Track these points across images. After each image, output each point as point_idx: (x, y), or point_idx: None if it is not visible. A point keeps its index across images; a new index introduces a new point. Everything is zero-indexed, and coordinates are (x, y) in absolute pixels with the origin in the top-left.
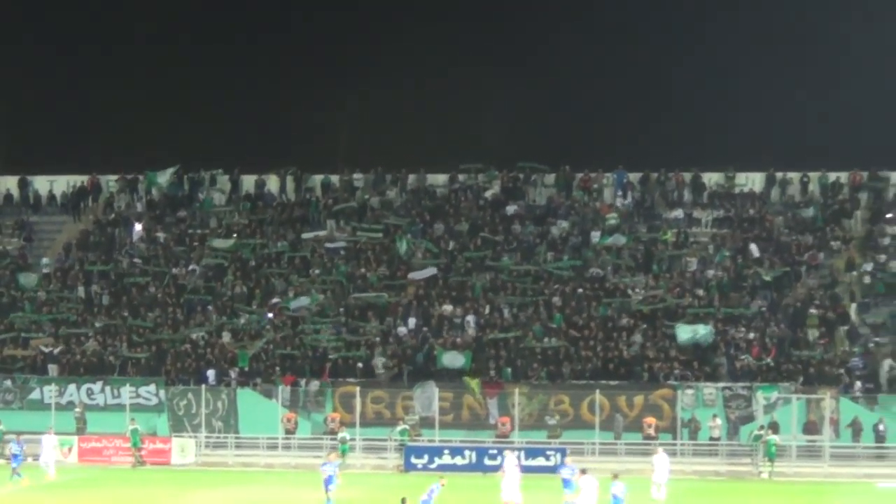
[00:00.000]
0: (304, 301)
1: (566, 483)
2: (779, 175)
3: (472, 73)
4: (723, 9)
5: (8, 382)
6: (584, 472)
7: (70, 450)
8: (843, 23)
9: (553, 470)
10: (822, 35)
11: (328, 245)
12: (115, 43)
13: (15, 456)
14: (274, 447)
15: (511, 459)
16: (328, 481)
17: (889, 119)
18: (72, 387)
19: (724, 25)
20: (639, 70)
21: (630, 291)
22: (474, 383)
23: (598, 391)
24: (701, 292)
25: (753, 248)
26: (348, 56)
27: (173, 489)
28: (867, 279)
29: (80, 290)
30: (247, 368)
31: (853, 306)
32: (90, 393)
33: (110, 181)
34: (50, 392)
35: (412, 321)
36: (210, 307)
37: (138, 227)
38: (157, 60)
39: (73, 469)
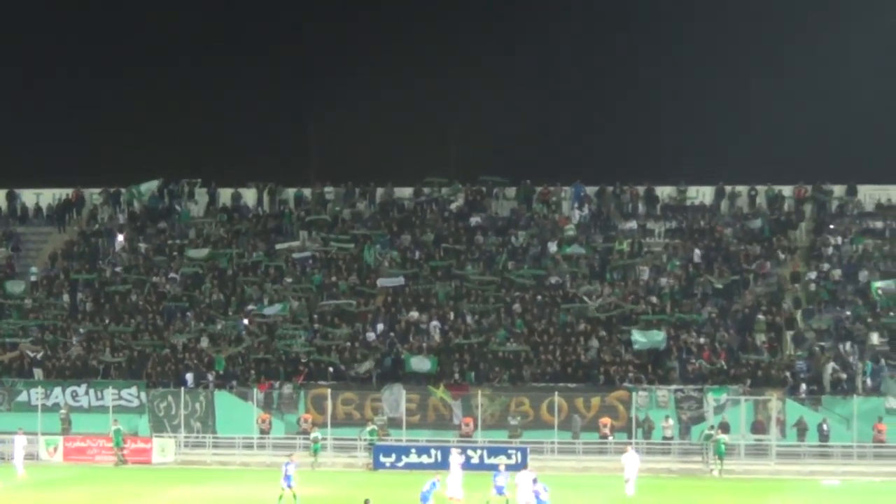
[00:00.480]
0: (277, 308)
1: (499, 490)
2: (728, 188)
3: (438, 91)
4: (674, 33)
5: None
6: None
7: (56, 449)
8: (786, 45)
9: (515, 468)
10: (766, 57)
11: (301, 255)
12: (98, 62)
13: None
14: (250, 446)
15: (455, 457)
16: (287, 478)
17: (832, 135)
18: (57, 389)
19: (676, 48)
20: (596, 89)
21: (587, 299)
22: (440, 391)
23: (556, 393)
24: (654, 299)
25: (696, 253)
26: (320, 75)
27: (154, 486)
28: (811, 287)
29: (66, 298)
30: (223, 372)
31: (798, 313)
32: (75, 395)
33: (94, 194)
34: (36, 394)
35: (380, 327)
36: (189, 314)
37: (120, 237)
38: (138, 78)
39: (59, 468)
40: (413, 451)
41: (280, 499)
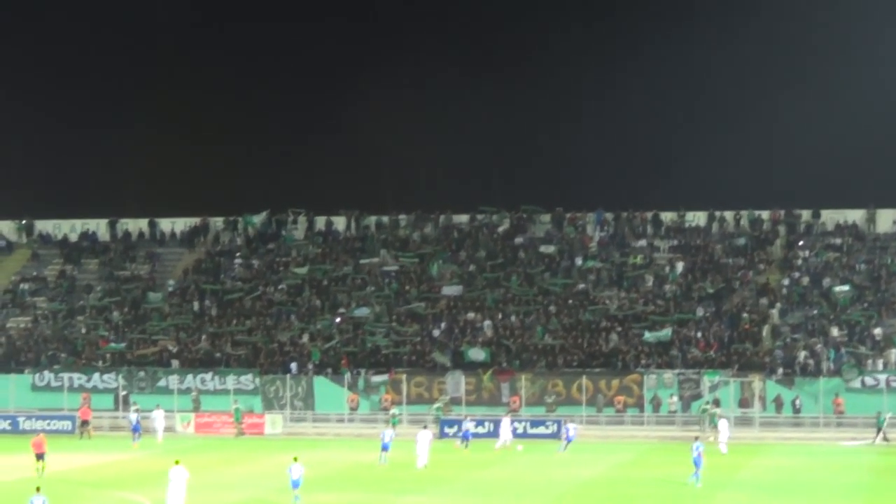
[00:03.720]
0: (363, 311)
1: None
2: (718, 213)
3: (490, 132)
4: (664, 84)
5: (142, 373)
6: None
7: (189, 424)
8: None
9: (551, 437)
10: (747, 103)
11: (381, 269)
12: (222, 114)
13: (136, 427)
14: (342, 421)
15: (424, 434)
16: (385, 447)
17: (800, 168)
18: (189, 376)
19: (677, 96)
20: (610, 134)
21: (607, 301)
22: (486, 378)
23: (584, 377)
24: (660, 302)
25: (677, 266)
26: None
27: (267, 453)
28: (785, 291)
29: (195, 304)
30: (318, 362)
31: (775, 311)
32: (203, 381)
33: (217, 222)
34: (173, 380)
35: (443, 325)
36: (292, 316)
37: (238, 256)
38: (250, 120)
39: (191, 438)
40: (471, 422)
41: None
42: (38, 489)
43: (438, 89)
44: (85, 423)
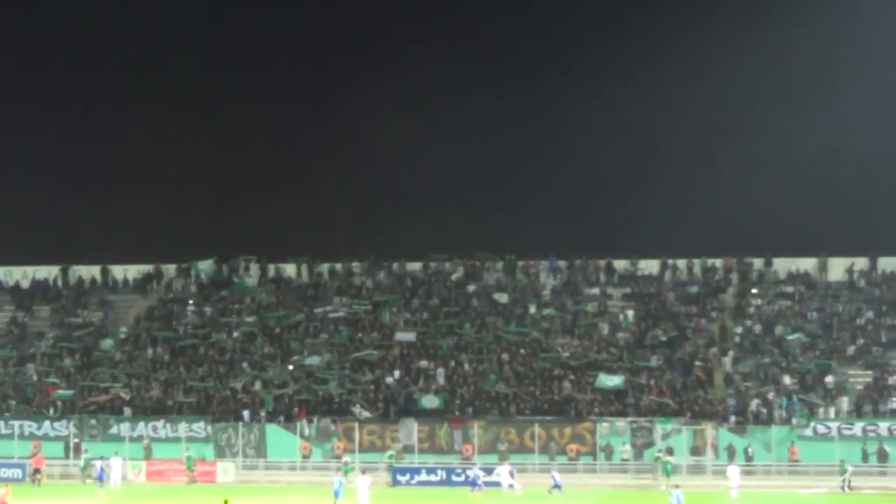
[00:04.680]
0: (315, 358)
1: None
2: (670, 261)
3: (443, 180)
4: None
5: (93, 421)
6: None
7: (140, 472)
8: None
9: (498, 485)
10: (698, 154)
11: (334, 316)
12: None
13: (101, 474)
14: (294, 468)
15: (363, 480)
16: (336, 493)
17: (752, 217)
18: (141, 424)
19: (624, 144)
20: (563, 181)
21: (560, 349)
22: (442, 431)
23: (536, 425)
24: (613, 350)
25: (630, 314)
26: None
27: (219, 501)
28: (737, 339)
29: (148, 351)
30: (272, 409)
31: (727, 359)
32: (155, 428)
33: (170, 269)
34: (124, 427)
35: (397, 373)
36: (245, 363)
37: (191, 303)
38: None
39: (143, 486)
40: (423, 471)
41: None
42: None
43: (391, 136)
44: (37, 470)
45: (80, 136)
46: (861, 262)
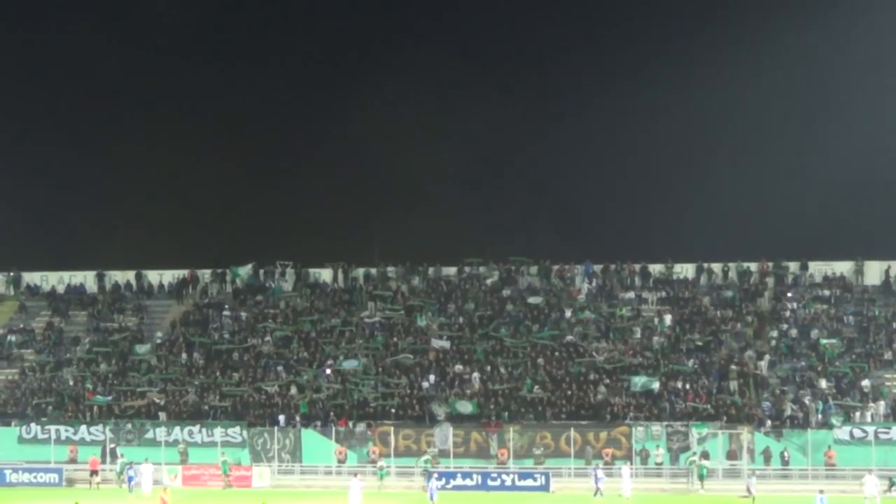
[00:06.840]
0: (351, 363)
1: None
2: (706, 265)
3: (478, 185)
4: (653, 136)
5: (129, 425)
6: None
7: (175, 476)
8: (736, 146)
9: (539, 489)
10: (734, 156)
11: (369, 321)
12: (197, 159)
13: (130, 479)
14: (329, 473)
15: (356, 483)
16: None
17: (788, 220)
18: (177, 429)
19: (660, 148)
20: (598, 186)
21: (595, 353)
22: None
23: (572, 429)
24: (649, 354)
25: (666, 318)
26: (387, 179)
27: None
28: (773, 343)
29: (183, 356)
30: (307, 414)
31: (763, 363)
32: (190, 433)
33: (205, 274)
34: (160, 432)
35: (432, 377)
36: (280, 368)
37: (226, 308)
38: (241, 173)
39: (178, 491)
40: (459, 475)
41: None
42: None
43: (427, 143)
44: (94, 472)
45: (116, 142)
46: None
